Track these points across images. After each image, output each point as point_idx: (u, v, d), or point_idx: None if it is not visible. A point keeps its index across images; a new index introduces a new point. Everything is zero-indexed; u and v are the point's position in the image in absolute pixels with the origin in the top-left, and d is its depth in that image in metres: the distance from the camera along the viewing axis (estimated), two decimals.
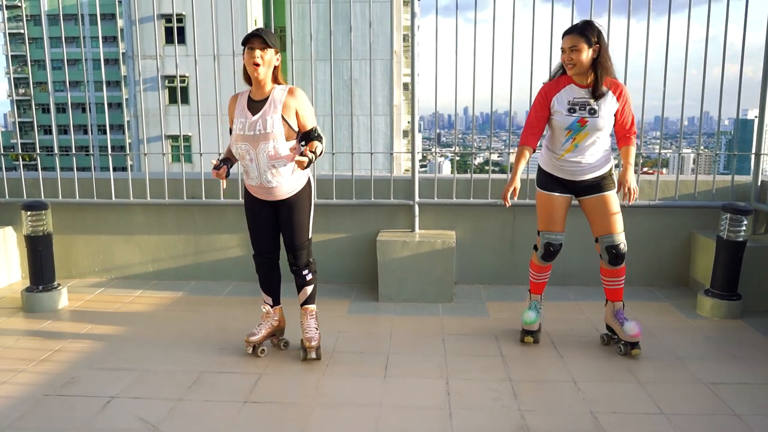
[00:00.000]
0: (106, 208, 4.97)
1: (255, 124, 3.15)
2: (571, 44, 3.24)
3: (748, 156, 4.62)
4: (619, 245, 3.43)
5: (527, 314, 3.66)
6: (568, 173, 3.42)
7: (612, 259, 3.46)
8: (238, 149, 3.23)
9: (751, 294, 4.14)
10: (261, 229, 3.43)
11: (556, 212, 3.48)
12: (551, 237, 3.51)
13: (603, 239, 3.45)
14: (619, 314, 3.55)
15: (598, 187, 3.42)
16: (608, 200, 3.42)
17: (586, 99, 3.31)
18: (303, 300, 3.51)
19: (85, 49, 5.05)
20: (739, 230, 3.99)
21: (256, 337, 3.51)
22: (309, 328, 3.49)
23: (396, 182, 4.77)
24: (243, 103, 3.26)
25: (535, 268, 3.67)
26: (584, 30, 3.24)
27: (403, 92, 28.35)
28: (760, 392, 3.05)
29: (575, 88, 3.33)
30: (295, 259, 3.42)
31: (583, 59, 3.23)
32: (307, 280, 3.47)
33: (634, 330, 3.45)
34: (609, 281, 3.56)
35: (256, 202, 3.40)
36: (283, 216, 3.37)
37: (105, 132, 4.91)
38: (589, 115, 3.29)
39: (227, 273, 4.98)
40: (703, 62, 4.35)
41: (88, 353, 3.56)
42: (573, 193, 3.49)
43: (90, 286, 4.90)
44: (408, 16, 5.26)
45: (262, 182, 3.25)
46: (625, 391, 3.08)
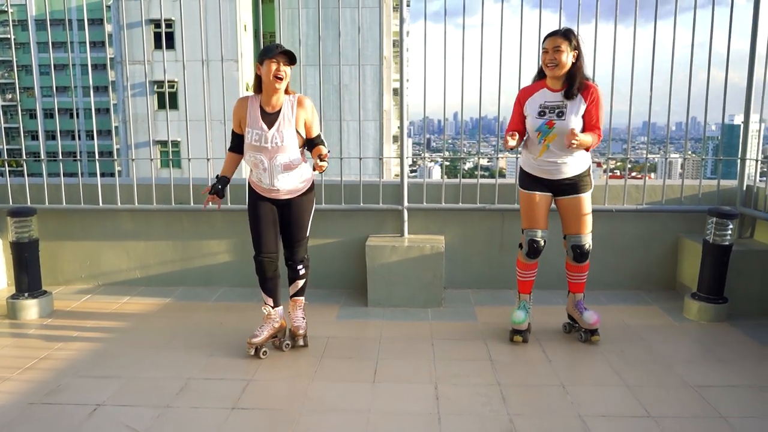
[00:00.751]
0: (94, 214, 4.93)
1: (273, 138, 3.33)
2: (554, 45, 3.43)
3: (735, 161, 4.66)
4: (584, 245, 3.64)
5: (516, 314, 3.73)
6: (546, 172, 3.58)
7: (577, 256, 3.67)
8: (251, 158, 3.40)
9: (737, 297, 4.18)
10: (266, 228, 3.51)
11: (537, 210, 3.64)
12: (534, 234, 3.65)
13: (571, 238, 3.66)
14: (579, 304, 3.77)
15: (574, 188, 3.58)
16: (581, 202, 3.60)
17: (556, 102, 3.48)
18: (294, 292, 3.70)
19: (73, 54, 5.02)
20: (725, 234, 4.02)
21: (258, 338, 3.54)
22: (297, 318, 3.70)
23: (385, 187, 4.77)
24: (256, 114, 3.37)
25: (521, 266, 3.76)
26: (567, 34, 3.47)
27: (393, 97, 28.41)
28: (746, 395, 3.07)
29: (548, 92, 3.52)
30: (292, 254, 3.61)
31: (564, 60, 3.41)
32: (300, 274, 3.66)
33: (592, 318, 3.69)
34: (573, 275, 3.77)
35: (262, 201, 3.51)
36: (286, 213, 3.53)
37: (93, 138, 4.87)
38: (557, 118, 3.46)
39: (216, 279, 4.95)
40: (689, 68, 4.40)
41: (74, 360, 3.53)
42: (552, 192, 3.63)
43: (77, 292, 4.86)
44: (397, 21, 5.30)
45: (274, 186, 3.43)
46: (613, 394, 3.09)
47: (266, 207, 3.51)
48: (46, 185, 4.82)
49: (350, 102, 19.24)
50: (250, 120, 3.38)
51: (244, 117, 3.41)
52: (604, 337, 3.79)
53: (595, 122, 3.48)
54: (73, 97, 5.00)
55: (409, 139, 33.37)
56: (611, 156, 5.06)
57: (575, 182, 3.57)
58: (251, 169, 3.52)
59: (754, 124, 4.61)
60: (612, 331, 3.92)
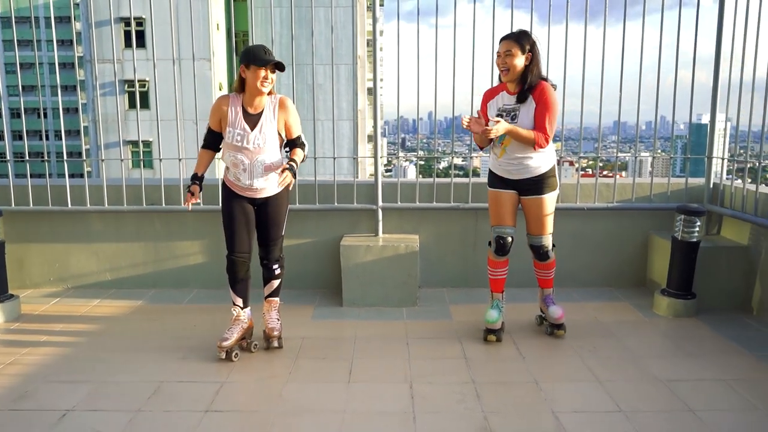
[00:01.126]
0: (62, 216, 4.84)
1: (255, 139, 3.35)
2: (505, 49, 3.47)
3: (703, 159, 4.76)
4: (542, 245, 3.71)
5: (489, 313, 3.75)
6: (508, 173, 3.65)
7: (537, 255, 3.77)
8: (231, 158, 3.38)
9: (705, 293, 4.27)
10: (240, 227, 3.48)
11: (503, 207, 3.69)
12: (501, 230, 3.70)
13: (531, 238, 3.74)
14: (547, 299, 3.86)
15: (537, 188, 3.63)
16: (543, 203, 3.64)
17: (512, 106, 3.54)
18: (269, 293, 3.70)
19: (40, 53, 4.92)
20: (692, 231, 4.10)
21: (228, 341, 3.48)
22: (271, 319, 3.68)
23: (359, 187, 4.77)
24: (238, 114, 3.37)
25: (492, 264, 3.80)
26: (519, 37, 3.48)
27: (367, 97, 28.41)
28: (713, 388, 3.14)
29: (506, 95, 3.59)
30: (267, 253, 3.61)
31: (516, 64, 3.45)
32: (275, 274, 3.65)
33: (557, 313, 3.77)
34: (539, 272, 3.86)
35: (238, 200, 3.48)
36: (263, 212, 3.53)
37: (61, 138, 4.78)
38: (511, 121, 3.50)
39: (189, 280, 4.90)
40: (657, 68, 4.48)
41: (42, 365, 3.45)
42: (517, 190, 3.68)
43: (45, 296, 4.77)
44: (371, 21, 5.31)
45: (254, 185, 3.43)
46: (586, 389, 3.14)
47: (241, 205, 3.48)
48: (12, 186, 4.71)
49: (324, 101, 19.19)
50: (232, 119, 3.36)
51: (225, 115, 3.38)
52: (576, 333, 3.85)
53: (541, 123, 3.46)
54: (39, 97, 4.90)
55: (384, 138, 33.43)
56: (583, 155, 5.13)
57: (539, 182, 3.61)
58: (227, 168, 3.50)
59: (720, 123, 4.72)
60: (584, 328, 3.98)
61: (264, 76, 3.28)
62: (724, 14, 4.46)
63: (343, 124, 24.59)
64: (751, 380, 3.21)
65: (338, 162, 4.81)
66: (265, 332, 3.67)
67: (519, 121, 3.49)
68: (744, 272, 4.30)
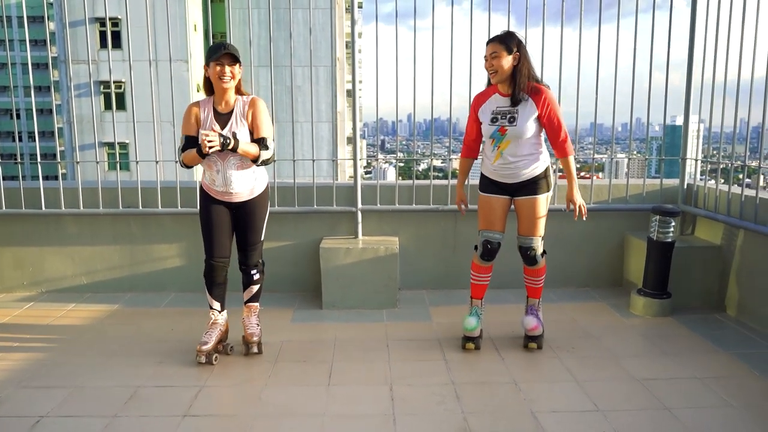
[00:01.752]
0: (36, 219, 4.76)
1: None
2: (491, 51, 3.43)
3: (677, 160, 4.84)
4: (531, 247, 3.60)
5: (468, 321, 3.69)
6: (503, 177, 3.57)
7: (525, 258, 3.66)
8: (206, 159, 3.31)
9: (680, 292, 4.33)
10: (219, 232, 3.45)
11: (493, 212, 3.62)
12: (489, 235, 3.63)
13: (520, 239, 3.64)
14: (530, 309, 3.76)
15: (531, 189, 3.55)
16: (536, 204, 3.56)
17: (507, 108, 3.47)
18: (248, 298, 3.65)
19: (13, 53, 4.83)
20: (667, 231, 4.17)
21: (208, 345, 3.46)
22: (251, 325, 3.63)
23: (339, 189, 4.76)
24: (209, 115, 3.33)
25: (476, 269, 3.72)
26: (505, 39, 3.43)
27: (346, 99, 28.38)
28: (689, 386, 3.19)
29: (499, 97, 3.51)
30: (246, 258, 3.56)
31: (503, 65, 3.39)
32: (254, 279, 3.61)
33: (530, 324, 3.68)
34: (527, 278, 3.76)
35: (215, 205, 3.44)
36: (241, 216, 3.48)
37: (35, 139, 4.70)
38: (509, 124, 3.45)
39: (166, 283, 4.84)
40: (632, 70, 4.53)
41: (16, 371, 3.39)
42: (510, 195, 3.61)
43: (18, 300, 4.68)
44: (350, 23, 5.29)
45: (229, 190, 3.38)
46: (564, 390, 3.16)
47: (219, 210, 3.45)
48: None
49: (303, 103, 19.15)
50: (204, 120, 3.34)
51: (198, 117, 3.35)
52: (554, 334, 3.87)
53: (557, 126, 3.46)
54: (12, 97, 4.81)
55: (363, 140, 33.40)
56: None
57: (532, 182, 3.53)
58: (204, 172, 3.46)
59: (693, 125, 4.80)
60: (562, 328, 4.02)
61: (221, 70, 3.21)
62: (696, 18, 4.55)
63: (323, 126, 24.54)
64: (725, 378, 3.27)
65: (317, 164, 4.80)
66: (244, 338, 3.63)
67: (517, 123, 3.42)
68: (718, 272, 4.38)
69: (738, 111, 4.13)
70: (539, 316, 3.72)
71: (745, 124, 4.53)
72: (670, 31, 4.53)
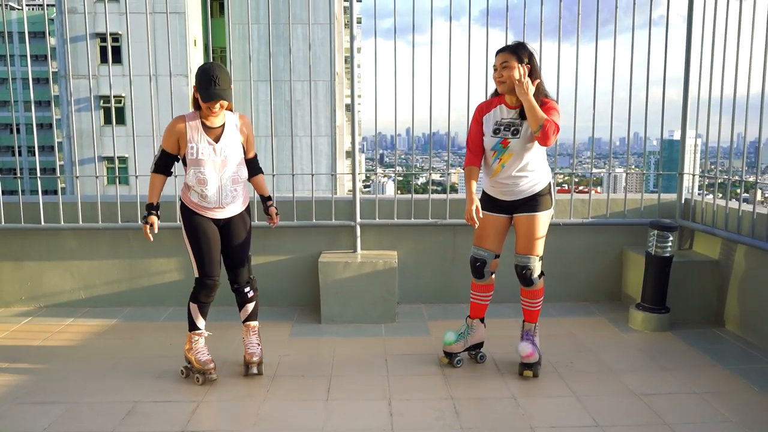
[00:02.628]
0: (35, 234, 4.76)
1: (221, 150, 3.28)
2: (502, 61, 3.30)
3: (675, 175, 4.86)
4: (528, 267, 3.44)
5: (447, 335, 3.63)
6: (502, 193, 3.45)
7: (520, 278, 3.50)
8: (196, 175, 3.26)
9: (679, 307, 4.33)
10: (213, 249, 3.37)
11: (487, 230, 3.50)
12: (476, 251, 3.54)
13: (517, 257, 3.49)
14: (525, 334, 3.58)
15: (531, 206, 3.42)
16: (536, 221, 3.42)
17: (512, 120, 3.35)
18: (245, 317, 3.56)
19: (14, 68, 4.86)
20: (665, 246, 4.17)
21: (212, 363, 3.42)
22: (251, 344, 3.54)
23: (338, 203, 4.77)
24: (198, 129, 3.28)
25: (473, 287, 3.65)
26: (516, 49, 3.32)
27: (345, 113, 28.50)
28: (688, 401, 3.18)
29: (504, 108, 3.39)
30: (237, 276, 3.48)
31: (513, 76, 3.26)
32: (248, 297, 3.52)
33: (525, 351, 3.48)
34: (524, 301, 3.59)
35: (204, 223, 3.35)
36: (227, 232, 3.42)
37: (34, 153, 4.71)
38: (512, 136, 3.33)
39: (164, 298, 4.83)
40: (629, 85, 4.57)
41: (13, 387, 3.37)
42: (509, 213, 3.50)
43: (16, 315, 4.67)
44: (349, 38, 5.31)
45: (222, 203, 3.34)
46: (563, 405, 3.15)
47: (210, 226, 3.37)
48: None
49: (302, 117, 19.22)
50: (192, 135, 3.26)
51: (184, 134, 3.27)
52: (553, 348, 3.85)
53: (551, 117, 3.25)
54: (12, 112, 4.83)
55: (362, 154, 33.45)
56: (558, 171, 5.21)
57: (533, 199, 3.41)
58: (186, 188, 3.37)
59: (690, 139, 4.82)
60: (561, 343, 4.01)
61: (209, 108, 3.22)
62: (693, 34, 4.59)
63: (322, 140, 24.60)
64: (724, 393, 3.26)
65: (316, 178, 4.81)
66: (245, 358, 3.53)
67: (521, 136, 3.30)
68: (716, 286, 4.38)
69: (735, 126, 4.15)
70: (535, 342, 3.55)
71: (742, 138, 4.55)
72: (666, 47, 4.57)
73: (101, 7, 18.69)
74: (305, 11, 5.08)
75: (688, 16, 4.60)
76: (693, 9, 4.56)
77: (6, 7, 4.30)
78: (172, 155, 3.34)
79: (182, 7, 22.88)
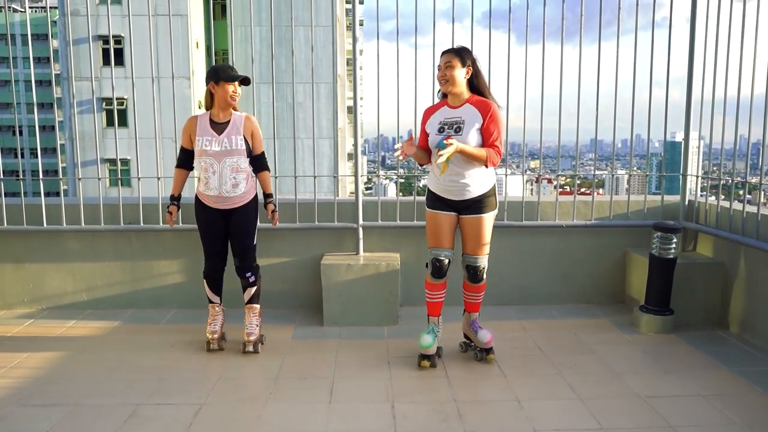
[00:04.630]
0: (37, 235, 4.76)
1: (222, 141, 3.70)
2: (446, 61, 3.48)
3: (678, 176, 4.85)
4: (479, 266, 3.65)
5: (424, 338, 3.67)
6: (449, 192, 3.57)
7: (471, 276, 3.70)
8: (201, 163, 3.73)
9: (683, 309, 4.32)
10: (216, 237, 3.84)
11: (440, 229, 3.63)
12: (437, 253, 3.66)
13: (467, 258, 3.67)
14: (474, 324, 3.79)
15: (477, 207, 3.56)
16: (482, 222, 3.58)
17: (455, 118, 3.51)
18: (248, 299, 3.95)
19: (16, 70, 4.86)
20: (669, 248, 4.16)
21: (218, 333, 3.89)
22: (250, 324, 3.92)
23: (340, 205, 4.77)
24: (206, 125, 3.74)
25: (429, 287, 3.75)
26: (459, 51, 3.51)
27: (347, 115, 28.52)
28: (692, 404, 3.16)
29: (448, 109, 3.56)
30: (242, 261, 3.87)
31: (455, 75, 3.45)
32: (251, 282, 3.91)
33: (486, 337, 3.71)
34: (468, 294, 3.79)
35: (210, 213, 3.81)
36: (235, 222, 3.83)
37: (37, 155, 4.71)
38: (455, 133, 3.46)
39: (167, 300, 4.83)
40: (632, 87, 4.55)
41: (16, 389, 3.37)
42: (456, 212, 3.62)
43: (19, 317, 4.66)
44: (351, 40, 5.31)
45: (222, 192, 3.73)
46: (567, 407, 3.14)
47: (215, 216, 3.81)
48: None
49: (304, 120, 19.18)
50: (201, 130, 3.72)
51: (195, 130, 3.74)
52: (556, 350, 3.86)
53: (494, 139, 3.45)
54: (15, 114, 4.84)
55: (364, 156, 33.49)
56: (561, 173, 5.20)
57: (479, 201, 3.55)
58: (199, 179, 3.78)
59: (693, 141, 4.81)
60: (564, 345, 4.00)
61: (233, 90, 3.70)
62: (696, 35, 4.58)
63: (324, 143, 24.62)
64: (729, 395, 3.25)
65: (319, 180, 4.80)
66: (243, 338, 3.89)
67: (463, 132, 3.43)
68: (720, 288, 4.37)
69: (738, 127, 4.14)
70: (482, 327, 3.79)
71: (745, 140, 4.54)
72: (669, 48, 4.56)
73: (104, 9, 18.73)
74: (307, 13, 5.07)
75: (691, 18, 4.59)
76: (696, 10, 4.55)
77: (9, 10, 4.30)
78: (189, 150, 3.82)
79: (184, 10, 22.93)
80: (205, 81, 3.74)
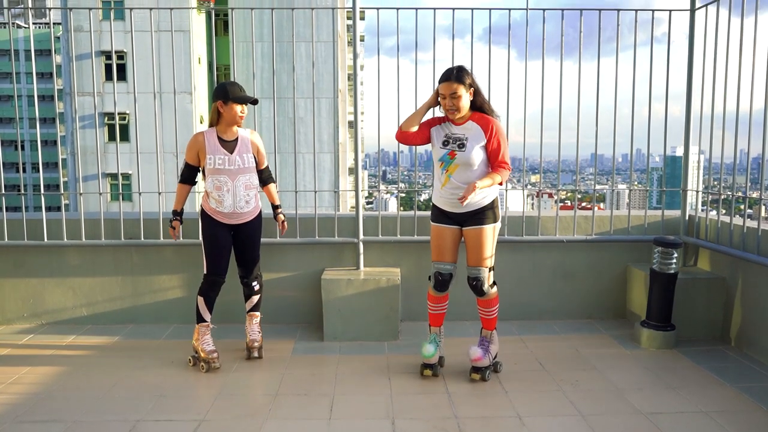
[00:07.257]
0: (38, 250, 4.75)
1: (235, 160, 3.78)
2: (450, 91, 3.46)
3: (678, 191, 4.85)
4: (479, 278, 3.61)
5: (426, 347, 3.72)
6: (451, 205, 3.60)
7: (473, 289, 3.66)
8: (214, 182, 3.77)
9: (684, 324, 4.30)
10: (224, 254, 3.89)
11: (443, 242, 3.67)
12: (440, 266, 3.69)
13: (468, 270, 3.65)
14: (481, 340, 3.74)
15: (478, 219, 3.58)
16: (483, 234, 3.58)
17: (459, 134, 3.54)
18: (250, 308, 4.08)
19: (19, 85, 4.89)
20: (670, 263, 4.15)
21: (216, 352, 3.83)
22: (253, 332, 4.05)
23: (340, 220, 4.77)
24: (215, 143, 3.78)
25: (431, 299, 3.78)
26: (460, 76, 3.46)
27: (348, 130, 28.61)
28: (695, 421, 3.14)
29: (452, 125, 3.59)
30: (248, 272, 4.02)
31: (463, 104, 3.47)
32: (255, 290, 4.06)
33: (474, 354, 3.65)
34: (480, 310, 3.74)
35: (219, 228, 3.85)
36: (242, 234, 3.93)
37: (38, 170, 4.72)
38: (458, 149, 3.50)
39: (167, 315, 4.81)
40: (632, 102, 4.57)
41: (14, 405, 3.35)
42: (459, 225, 3.64)
43: (18, 332, 4.65)
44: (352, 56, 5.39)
45: (236, 209, 3.82)
46: (569, 424, 3.12)
47: (224, 232, 3.86)
48: None
49: (305, 134, 19.28)
50: (211, 149, 3.76)
51: (203, 147, 3.76)
52: (558, 366, 3.84)
53: (502, 157, 3.52)
54: (17, 129, 4.87)
55: (365, 171, 33.56)
56: (561, 187, 5.20)
57: (479, 213, 3.57)
58: (208, 196, 3.83)
59: (693, 155, 4.81)
60: (566, 361, 3.98)
61: (241, 110, 3.77)
62: (694, 50, 4.60)
63: (324, 157, 24.68)
64: (731, 412, 3.23)
65: (319, 195, 4.81)
66: (246, 344, 4.02)
67: (466, 149, 3.48)
68: (721, 303, 4.35)
69: (738, 142, 4.15)
70: (489, 349, 3.69)
71: (745, 155, 4.55)
72: (668, 64, 4.59)
73: (107, 25, 18.89)
74: (309, 29, 5.12)
75: (690, 33, 4.62)
76: (695, 25, 4.58)
77: (13, 26, 4.34)
78: (195, 167, 3.85)
79: (187, 26, 23.12)
80: (213, 98, 3.77)
